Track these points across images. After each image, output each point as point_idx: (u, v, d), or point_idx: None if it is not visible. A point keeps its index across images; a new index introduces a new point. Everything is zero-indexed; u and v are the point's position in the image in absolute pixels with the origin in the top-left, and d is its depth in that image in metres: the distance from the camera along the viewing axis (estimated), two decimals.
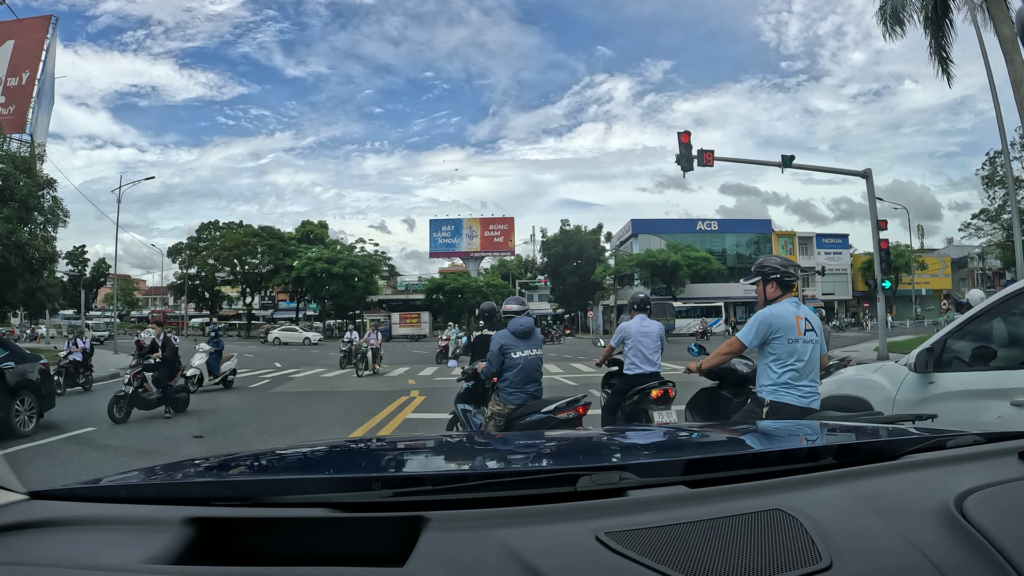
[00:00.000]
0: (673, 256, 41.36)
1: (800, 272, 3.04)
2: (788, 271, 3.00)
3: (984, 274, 50.15)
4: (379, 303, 51.15)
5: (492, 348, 4.27)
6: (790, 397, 2.86)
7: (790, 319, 2.89)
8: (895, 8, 14.23)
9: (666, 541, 0.75)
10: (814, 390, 2.92)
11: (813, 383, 2.92)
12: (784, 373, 2.88)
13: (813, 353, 2.92)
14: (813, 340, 2.92)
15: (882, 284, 15.24)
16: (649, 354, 5.07)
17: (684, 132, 14.97)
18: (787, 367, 2.87)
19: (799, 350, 2.87)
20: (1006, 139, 13.89)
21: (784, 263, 3.03)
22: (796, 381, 2.87)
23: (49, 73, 32.25)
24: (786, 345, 2.88)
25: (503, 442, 1.78)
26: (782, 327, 2.89)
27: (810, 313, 3.00)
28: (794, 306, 2.96)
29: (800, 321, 2.90)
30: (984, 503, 0.82)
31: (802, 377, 2.88)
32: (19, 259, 19.85)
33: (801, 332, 2.89)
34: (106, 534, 0.84)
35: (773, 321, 2.90)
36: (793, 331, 2.88)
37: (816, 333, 2.94)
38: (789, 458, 1.10)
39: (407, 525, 0.79)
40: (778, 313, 2.92)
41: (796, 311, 2.93)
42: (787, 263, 3.04)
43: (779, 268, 3.00)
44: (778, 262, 3.04)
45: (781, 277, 2.99)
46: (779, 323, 2.89)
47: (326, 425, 7.96)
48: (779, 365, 2.89)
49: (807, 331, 2.90)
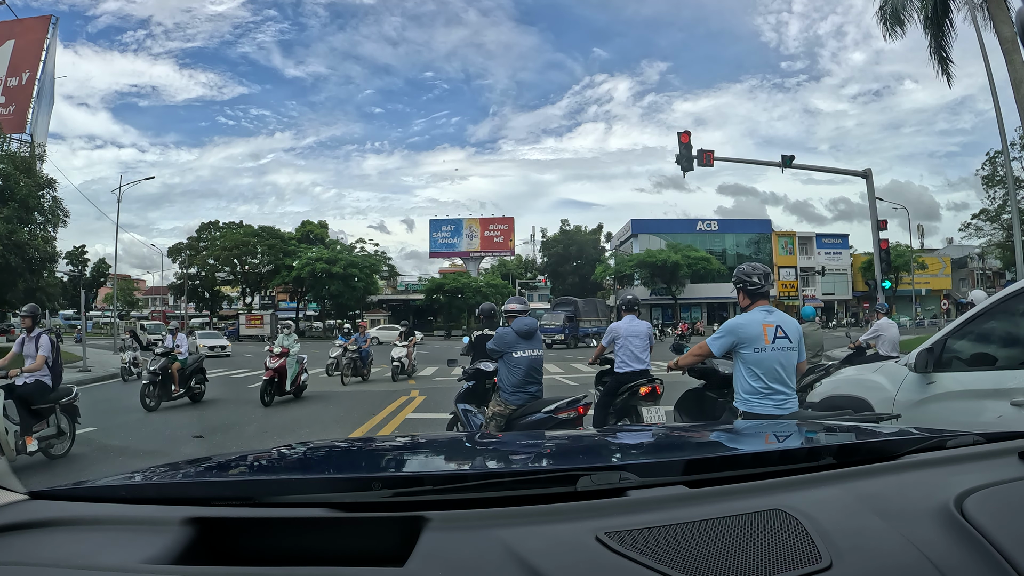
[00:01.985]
0: (673, 256, 41.40)
1: (771, 280, 3.03)
2: (752, 280, 2.97)
3: (984, 274, 50.16)
4: (379, 303, 51.16)
5: (495, 344, 4.29)
6: (762, 407, 2.86)
7: (756, 328, 2.88)
8: (895, 8, 14.23)
9: (666, 541, 0.75)
10: (788, 397, 2.90)
11: (787, 391, 2.90)
12: (754, 382, 2.89)
13: (785, 360, 2.90)
14: (784, 348, 2.89)
15: (882, 284, 15.25)
16: (638, 352, 5.26)
17: (684, 132, 15.02)
18: (756, 375, 2.88)
19: (767, 359, 2.87)
20: (1006, 139, 13.88)
21: (750, 272, 3.00)
22: (767, 389, 2.87)
23: (49, 73, 32.25)
24: (753, 354, 2.88)
25: (503, 442, 1.78)
26: (746, 337, 2.89)
27: (785, 320, 2.98)
28: (764, 314, 2.94)
29: (769, 330, 2.88)
30: (984, 503, 0.82)
31: (774, 384, 2.87)
32: (19, 259, 19.86)
33: (769, 340, 2.87)
34: (106, 534, 0.84)
35: (738, 331, 2.91)
36: (760, 340, 2.87)
37: (790, 340, 2.91)
38: (789, 458, 1.10)
39: (407, 525, 0.79)
40: (744, 323, 2.93)
41: (766, 319, 2.91)
42: (753, 272, 3.00)
43: (743, 278, 3.00)
44: (744, 271, 3.02)
45: (744, 287, 3.00)
46: (744, 333, 2.90)
47: (326, 425, 7.96)
48: (749, 374, 2.91)
49: (777, 339, 2.88)
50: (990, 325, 3.13)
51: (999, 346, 3.14)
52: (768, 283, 3.00)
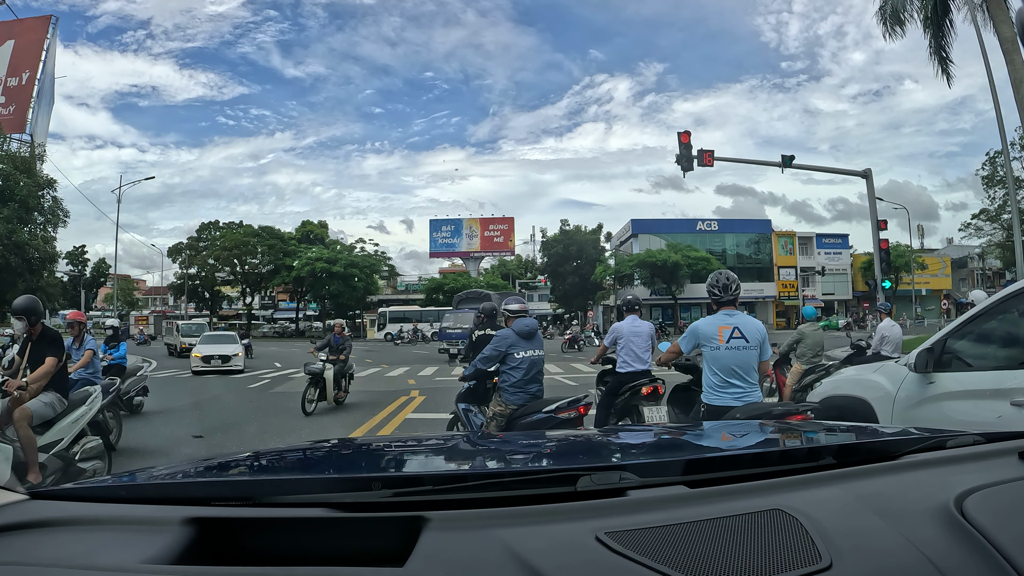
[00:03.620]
0: (673, 256, 41.35)
1: (733, 290, 3.33)
2: (713, 292, 3.36)
3: (984, 274, 50.14)
4: (379, 303, 51.15)
5: (496, 345, 4.28)
6: (721, 399, 3.22)
7: (713, 329, 3.26)
8: (895, 8, 14.23)
9: (666, 541, 0.75)
10: (745, 391, 3.22)
11: (744, 385, 3.23)
12: (713, 376, 3.26)
13: (740, 358, 3.23)
14: (739, 347, 3.23)
15: (882, 284, 15.24)
16: (640, 352, 5.28)
17: (684, 132, 15.00)
18: (713, 371, 3.26)
19: (722, 356, 3.23)
20: (1006, 139, 13.88)
21: (713, 284, 3.36)
22: (725, 383, 3.23)
23: (49, 73, 32.26)
24: (711, 352, 3.26)
25: (503, 442, 1.78)
26: (704, 336, 3.29)
27: (745, 323, 3.29)
28: (725, 317, 3.29)
29: (724, 330, 3.23)
30: (984, 503, 0.82)
31: (731, 379, 3.22)
32: (19, 259, 19.88)
33: (723, 340, 3.22)
34: (106, 534, 0.84)
35: (698, 332, 3.33)
36: (715, 340, 3.24)
37: (747, 340, 3.23)
38: (789, 458, 1.10)
39: (407, 525, 0.79)
40: (702, 325, 3.35)
41: (723, 321, 3.27)
42: (716, 284, 3.35)
43: (708, 289, 3.39)
44: (709, 283, 3.40)
45: (710, 295, 3.40)
46: (702, 333, 3.31)
47: (326, 425, 7.96)
48: (709, 369, 3.29)
49: (733, 339, 3.22)
50: (990, 325, 3.12)
51: (999, 346, 3.13)
52: (728, 294, 3.32)
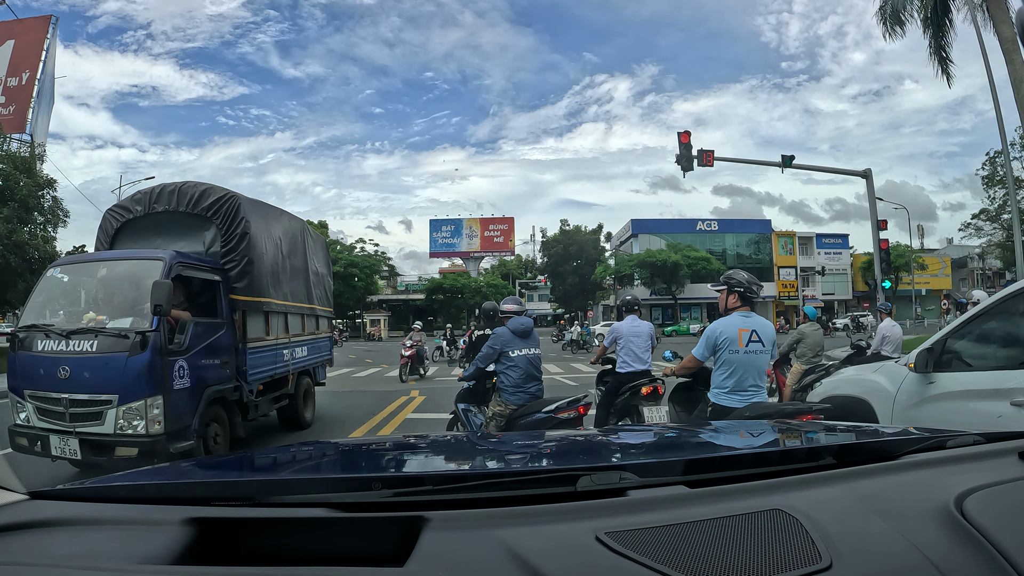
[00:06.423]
0: (673, 256, 41.33)
1: (762, 291, 3.31)
2: (751, 288, 3.30)
3: (984, 274, 50.15)
4: (379, 303, 51.14)
5: (491, 344, 4.31)
6: (730, 401, 3.19)
7: (733, 332, 3.20)
8: (895, 8, 14.22)
9: (666, 541, 0.74)
10: (756, 393, 3.22)
11: (755, 387, 3.23)
12: (727, 379, 3.22)
13: (756, 361, 3.22)
14: (757, 351, 3.21)
15: (882, 284, 15.23)
16: (640, 353, 5.29)
17: (684, 132, 14.98)
18: (729, 374, 3.21)
19: (741, 360, 3.20)
20: (1006, 139, 13.88)
21: (750, 280, 3.32)
22: (738, 386, 3.20)
23: (49, 73, 32.20)
24: (728, 355, 3.21)
25: (503, 442, 1.78)
26: (724, 339, 3.20)
27: (762, 325, 3.26)
28: (742, 318, 3.24)
29: (744, 333, 3.19)
30: (984, 503, 0.82)
31: (744, 382, 3.20)
32: (19, 259, 19.83)
33: (743, 344, 3.18)
34: (106, 534, 0.84)
35: (717, 336, 3.24)
36: (735, 343, 3.18)
37: (763, 344, 3.21)
38: (789, 458, 1.10)
39: (407, 525, 0.79)
40: (722, 328, 3.24)
41: (742, 324, 3.22)
42: (752, 281, 3.32)
43: (744, 284, 3.30)
44: (744, 278, 3.33)
45: (744, 292, 3.29)
46: (722, 336, 3.21)
47: (326, 425, 7.96)
48: (722, 372, 3.24)
49: (751, 342, 3.19)
50: (990, 325, 3.12)
51: (999, 346, 3.13)
52: (757, 294, 3.29)
